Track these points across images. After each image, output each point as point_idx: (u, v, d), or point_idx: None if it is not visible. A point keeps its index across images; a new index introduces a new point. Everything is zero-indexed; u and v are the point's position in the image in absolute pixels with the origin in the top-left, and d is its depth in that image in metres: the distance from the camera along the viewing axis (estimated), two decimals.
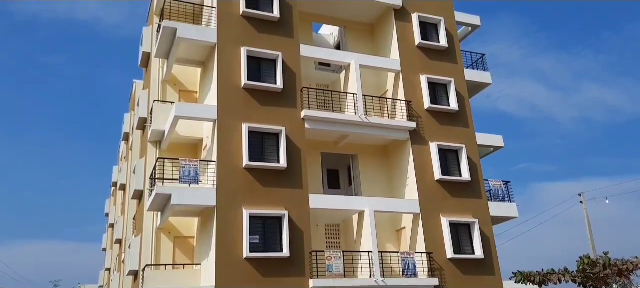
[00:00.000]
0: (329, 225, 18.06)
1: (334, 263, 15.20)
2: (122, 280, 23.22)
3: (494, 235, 18.30)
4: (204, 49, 17.33)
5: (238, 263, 14.32)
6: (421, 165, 17.88)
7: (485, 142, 19.68)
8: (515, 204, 19.11)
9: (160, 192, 14.65)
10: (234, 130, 15.67)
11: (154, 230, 17.49)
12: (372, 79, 19.90)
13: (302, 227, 15.43)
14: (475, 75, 20.57)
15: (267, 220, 15.09)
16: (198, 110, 16.26)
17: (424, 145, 18.18)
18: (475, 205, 18.18)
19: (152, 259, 16.95)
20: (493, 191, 19.05)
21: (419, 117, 18.53)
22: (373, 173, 18.75)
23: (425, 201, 17.41)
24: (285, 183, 15.70)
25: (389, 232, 18.14)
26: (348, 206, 16.78)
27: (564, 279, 12.33)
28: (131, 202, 22.68)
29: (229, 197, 14.91)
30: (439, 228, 17.23)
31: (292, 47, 17.47)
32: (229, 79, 16.24)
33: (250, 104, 16.19)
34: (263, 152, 15.80)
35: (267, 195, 15.33)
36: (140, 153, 21.41)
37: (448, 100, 19.34)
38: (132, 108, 28.16)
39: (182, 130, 17.36)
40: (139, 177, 19.52)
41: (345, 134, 17.60)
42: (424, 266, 16.43)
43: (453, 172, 18.34)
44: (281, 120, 16.31)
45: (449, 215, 17.52)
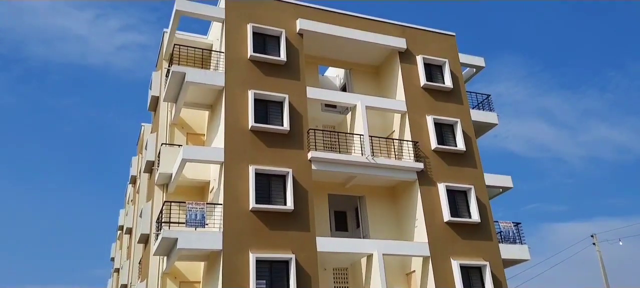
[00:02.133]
0: (337, 268, 17.74)
1: None
2: None
3: (506, 278, 17.86)
4: (211, 92, 17.56)
5: None
6: (430, 206, 17.69)
7: (494, 183, 19.50)
8: (526, 246, 18.72)
9: (166, 236, 14.52)
10: (241, 172, 15.67)
11: (160, 275, 17.25)
12: (378, 119, 19.98)
13: (309, 271, 15.15)
14: (481, 115, 20.62)
15: (273, 264, 14.86)
16: (205, 153, 16.32)
17: (432, 186, 18.04)
18: (485, 248, 17.84)
19: None
20: (504, 233, 18.72)
21: (426, 157, 18.47)
22: (381, 214, 18.54)
23: (435, 243, 17.12)
24: (292, 225, 15.54)
25: (398, 276, 17.76)
26: (356, 249, 16.51)
27: None
28: (137, 246, 22.50)
29: (235, 241, 14.75)
30: (449, 272, 16.85)
31: (299, 89, 17.67)
32: (236, 122, 16.37)
33: (257, 146, 16.24)
34: (270, 194, 15.73)
35: (274, 238, 15.16)
36: (147, 197, 21.39)
37: (455, 140, 19.32)
38: (140, 151, 28.35)
39: (189, 173, 17.38)
40: (146, 220, 19.43)
41: (352, 175, 17.53)
42: None
43: (462, 213, 18.11)
44: (288, 161, 16.31)
45: (460, 257, 17.17)
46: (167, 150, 18.03)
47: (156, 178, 18.33)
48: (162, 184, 18.51)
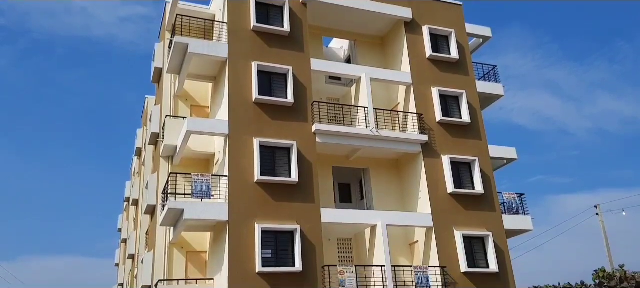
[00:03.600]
0: (341, 239, 17.96)
1: (347, 278, 15.08)
2: None
3: (509, 248, 18.06)
4: (215, 64, 17.49)
5: (250, 277, 14.27)
6: (433, 178, 17.76)
7: (498, 155, 19.50)
8: (529, 217, 18.86)
9: (172, 207, 14.71)
10: (245, 144, 15.73)
11: (167, 245, 17.54)
12: (383, 92, 19.89)
13: (314, 241, 15.36)
14: (487, 87, 20.48)
15: (279, 234, 15.06)
16: (209, 125, 16.36)
17: (436, 158, 18.07)
18: (489, 218, 17.98)
19: (165, 274, 16.97)
20: (507, 204, 18.83)
21: (431, 129, 18.44)
22: (385, 186, 18.65)
23: (438, 214, 17.25)
24: (297, 197, 15.68)
25: (401, 246, 17.98)
26: (360, 220, 16.69)
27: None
28: (144, 217, 22.79)
29: (241, 212, 14.92)
30: (452, 242, 17.04)
31: (303, 61, 17.56)
32: (240, 94, 16.34)
33: (261, 119, 16.25)
34: (274, 166, 15.82)
35: (279, 210, 15.32)
36: (152, 169, 21.55)
37: (460, 112, 19.24)
38: (145, 123, 28.43)
39: (194, 145, 17.46)
40: (152, 192, 19.63)
41: (356, 148, 17.56)
42: (438, 280, 16.23)
43: (466, 184, 18.18)
44: (292, 134, 16.34)
45: (463, 228, 17.33)
46: (172, 122, 18.08)
47: (161, 151, 18.44)
48: (167, 156, 18.63)
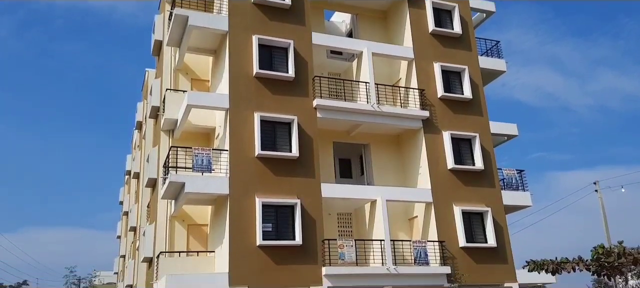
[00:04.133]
0: (341, 213, 18.09)
1: (346, 251, 15.25)
2: (137, 267, 23.56)
3: (507, 223, 18.21)
4: (215, 37, 17.32)
5: (251, 250, 14.43)
6: (434, 154, 17.78)
7: (499, 131, 19.49)
8: (528, 193, 18.95)
9: (173, 180, 14.77)
10: (246, 119, 15.70)
11: (168, 218, 17.68)
12: (384, 67, 19.75)
13: (314, 216, 15.47)
14: (489, 62, 20.33)
15: (279, 208, 15.16)
16: (210, 99, 16.31)
17: (436, 134, 18.06)
18: (488, 194, 18.07)
19: (166, 246, 17.16)
20: (507, 180, 18.90)
21: (432, 105, 18.38)
22: (385, 162, 18.69)
23: (438, 190, 17.33)
24: (297, 172, 15.73)
25: (401, 221, 18.12)
26: (360, 195, 16.79)
27: (578, 268, 12.20)
28: (145, 190, 22.92)
29: (242, 186, 14.99)
30: (451, 217, 17.17)
31: (304, 35, 17.39)
32: (241, 68, 16.24)
33: (262, 93, 16.18)
34: (275, 141, 15.82)
35: (279, 184, 15.38)
36: (153, 142, 21.57)
37: (462, 88, 19.15)
38: (145, 97, 28.35)
39: (194, 119, 17.44)
40: (152, 165, 19.70)
41: (357, 123, 17.54)
42: (436, 254, 16.41)
43: (466, 160, 18.22)
44: (293, 109, 16.30)
45: (462, 204, 17.44)
46: (172, 96, 18.01)
47: (162, 124, 18.42)
48: (167, 130, 18.62)
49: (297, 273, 14.69)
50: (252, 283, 14.15)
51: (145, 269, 20.56)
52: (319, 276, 14.86)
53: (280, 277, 14.49)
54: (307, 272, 14.79)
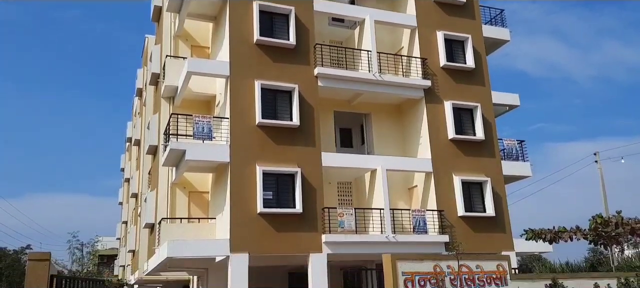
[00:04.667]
0: (341, 182, 18.19)
1: (346, 220, 15.40)
2: (139, 233, 23.86)
3: (506, 193, 18.33)
4: (215, 2, 17.06)
5: (252, 218, 14.57)
6: (435, 123, 17.76)
7: (501, 101, 19.41)
8: (528, 163, 19.01)
9: (174, 148, 14.80)
10: (247, 87, 15.61)
11: (169, 185, 17.80)
12: (386, 35, 19.51)
13: (314, 184, 15.56)
14: (493, 31, 20.07)
15: (280, 176, 15.24)
16: (210, 66, 16.18)
17: (438, 104, 17.99)
18: (488, 164, 18.13)
19: (168, 213, 17.33)
20: (507, 150, 18.93)
21: (434, 74, 18.24)
22: (386, 131, 18.68)
23: (438, 160, 17.38)
24: (298, 141, 15.74)
25: (400, 190, 18.23)
26: (360, 164, 16.84)
27: (575, 237, 12.31)
28: (146, 157, 23.00)
29: (243, 154, 15.03)
30: (450, 187, 17.27)
31: (305, 1, 17.10)
32: (241, 35, 16.04)
33: (263, 61, 16.04)
34: (276, 109, 15.77)
35: (280, 153, 15.41)
36: (153, 109, 21.53)
37: (464, 57, 18.97)
38: (145, 63, 28.14)
39: (194, 86, 17.34)
40: (153, 132, 19.71)
41: (358, 92, 17.44)
42: (435, 223, 16.58)
43: (467, 130, 18.21)
44: (294, 77, 16.18)
45: (462, 173, 17.51)
46: (172, 63, 17.87)
47: (162, 91, 18.34)
48: (168, 97, 18.55)
49: (297, 241, 14.88)
50: (252, 249, 14.35)
51: (147, 235, 20.83)
52: (319, 243, 15.06)
53: (281, 243, 14.68)
54: (307, 239, 14.97)
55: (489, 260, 9.61)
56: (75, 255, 26.67)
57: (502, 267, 9.55)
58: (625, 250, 23.82)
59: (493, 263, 9.58)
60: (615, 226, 11.52)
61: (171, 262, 15.00)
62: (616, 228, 11.49)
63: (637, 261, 14.26)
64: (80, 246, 27.59)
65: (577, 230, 12.12)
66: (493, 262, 9.60)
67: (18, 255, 32.29)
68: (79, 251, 27.26)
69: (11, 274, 29.47)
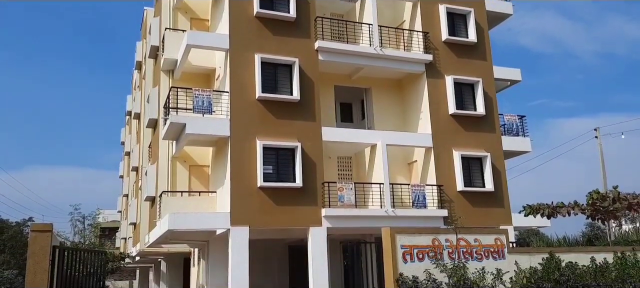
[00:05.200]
0: (341, 157, 18.23)
1: (346, 194, 15.49)
2: (140, 206, 24.03)
3: (506, 169, 18.40)
4: None
5: (252, 191, 14.66)
6: (436, 98, 17.70)
7: (503, 76, 19.31)
8: (528, 138, 19.03)
9: (174, 121, 14.79)
10: (247, 60, 15.51)
11: (170, 159, 17.85)
12: (388, 9, 19.27)
13: (314, 159, 15.60)
14: (496, 5, 19.83)
15: (280, 151, 15.26)
16: (210, 39, 16.04)
17: (439, 79, 17.90)
18: (488, 139, 18.15)
19: (168, 186, 17.42)
20: (507, 125, 18.93)
21: (436, 49, 18.10)
22: (386, 106, 18.64)
23: (438, 135, 17.39)
24: (298, 115, 15.71)
25: (400, 165, 18.29)
26: (360, 139, 16.85)
27: (573, 212, 12.43)
28: (146, 130, 23.00)
29: (243, 128, 15.02)
30: (450, 162, 17.32)
31: None
32: (241, 7, 15.85)
33: (263, 34, 15.89)
34: (276, 83, 15.70)
35: (280, 127, 15.41)
36: (153, 82, 21.43)
37: (467, 31, 18.78)
38: (144, 36, 27.87)
39: (194, 59, 17.23)
40: (153, 105, 19.67)
41: (359, 66, 17.33)
42: (434, 198, 16.69)
43: (468, 106, 18.16)
44: (294, 51, 16.05)
45: (461, 148, 17.54)
46: (171, 36, 17.71)
47: (161, 64, 18.23)
48: (167, 70, 18.45)
49: (297, 214, 15.00)
50: (253, 223, 14.48)
51: (148, 208, 20.98)
52: (319, 217, 15.18)
53: (281, 217, 14.80)
54: (307, 213, 15.09)
55: (487, 234, 9.70)
56: (77, 228, 26.94)
57: (500, 241, 9.64)
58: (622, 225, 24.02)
59: (491, 237, 9.67)
60: (612, 201, 11.63)
61: (172, 234, 15.15)
62: (613, 203, 11.60)
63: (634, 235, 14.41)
64: (82, 218, 27.82)
65: (575, 205, 12.24)
66: (491, 236, 9.69)
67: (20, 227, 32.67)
68: (80, 223, 27.50)
69: (14, 246, 29.83)
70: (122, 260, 25.36)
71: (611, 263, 10.28)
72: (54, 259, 7.21)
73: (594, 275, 9.70)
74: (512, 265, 9.45)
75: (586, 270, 9.78)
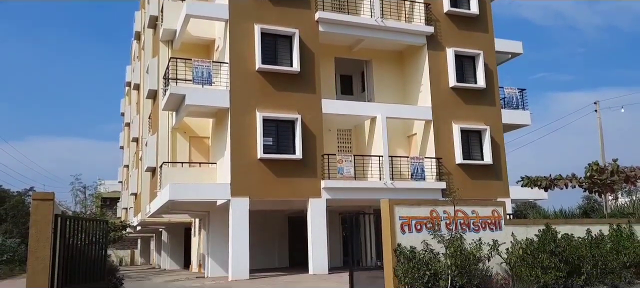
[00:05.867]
0: (341, 129, 18.26)
1: (345, 166, 15.57)
2: (141, 176, 24.17)
3: (505, 142, 18.45)
4: None
5: (252, 163, 14.73)
6: (436, 71, 17.62)
7: (504, 48, 19.17)
8: (528, 111, 19.02)
9: (174, 92, 14.75)
10: (246, 31, 15.37)
11: (170, 130, 17.87)
12: None
13: (314, 131, 15.62)
14: None
15: (280, 123, 15.27)
16: (209, 9, 15.86)
17: (440, 51, 17.78)
18: (488, 112, 18.14)
19: (169, 157, 17.49)
20: (507, 99, 18.89)
21: (437, 20, 17.92)
22: (387, 79, 18.56)
23: (438, 108, 17.37)
24: (298, 87, 15.66)
25: (400, 138, 18.33)
26: (360, 112, 16.84)
27: (571, 184, 12.50)
28: (146, 101, 22.96)
29: (243, 99, 15.00)
30: (449, 135, 17.35)
31: None
32: None
33: (263, 4, 15.70)
34: (276, 55, 15.60)
35: (280, 99, 15.38)
36: (152, 53, 21.28)
37: (468, 3, 18.56)
38: (143, 5, 27.54)
39: (193, 30, 17.07)
40: (153, 76, 19.58)
41: (360, 38, 17.19)
42: (433, 170, 16.78)
43: (468, 78, 18.09)
44: (294, 21, 15.89)
45: (461, 121, 17.55)
46: (171, 5, 17.51)
47: (161, 34, 18.07)
48: (166, 40, 18.30)
49: (297, 186, 15.11)
50: (253, 194, 14.60)
51: (149, 178, 21.11)
52: (318, 189, 15.30)
53: (281, 188, 14.91)
54: (306, 185, 15.20)
55: (485, 206, 9.78)
56: (78, 197, 27.12)
57: (497, 213, 9.73)
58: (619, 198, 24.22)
59: (488, 208, 9.75)
60: (610, 174, 11.70)
61: (173, 205, 15.29)
62: (611, 176, 11.67)
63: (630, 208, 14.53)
64: (82, 188, 27.98)
65: (573, 178, 12.31)
66: (488, 208, 9.77)
67: (22, 196, 32.89)
68: (81, 193, 27.68)
69: (16, 215, 30.11)
70: (123, 229, 25.63)
71: (607, 235, 10.41)
72: (57, 228, 7.29)
73: (590, 247, 9.83)
74: (508, 237, 9.57)
75: (582, 241, 9.90)
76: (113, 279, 11.48)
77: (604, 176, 11.78)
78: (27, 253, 6.98)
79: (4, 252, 23.71)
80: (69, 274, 7.69)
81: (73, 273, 7.82)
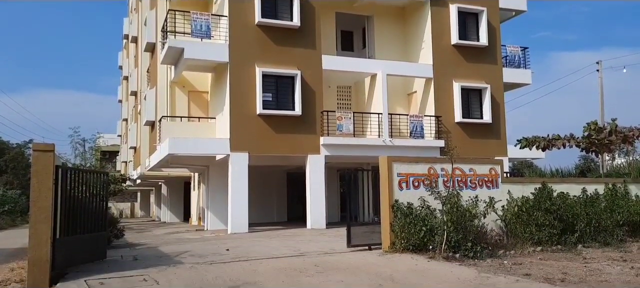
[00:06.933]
0: (341, 86, 18.15)
1: (344, 123, 15.57)
2: (140, 130, 24.18)
3: (505, 101, 18.40)
4: None
5: (251, 119, 14.71)
6: (438, 28, 17.35)
7: (508, 5, 18.83)
8: (529, 70, 18.89)
9: (172, 46, 14.56)
10: None
11: (168, 84, 17.75)
12: None
13: (314, 87, 15.53)
14: None
15: (279, 78, 15.16)
16: None
17: (443, 7, 17.46)
18: (489, 71, 18.00)
19: (168, 111, 17.44)
20: (509, 57, 18.72)
21: None
22: (388, 36, 18.30)
23: (439, 66, 17.22)
24: (298, 42, 15.46)
25: (400, 96, 18.25)
26: (361, 68, 16.70)
27: (569, 144, 12.57)
28: (144, 54, 22.69)
29: (242, 54, 14.83)
30: (450, 93, 17.28)
31: None
32: None
33: None
34: (276, 8, 15.30)
35: (280, 54, 15.21)
36: (150, 5, 20.87)
37: None
38: None
39: None
40: (151, 29, 19.28)
41: None
42: (432, 129, 16.80)
43: (471, 36, 17.85)
44: None
45: (462, 80, 17.44)
46: None
47: None
48: None
49: (296, 142, 15.15)
50: (252, 149, 14.66)
51: (148, 132, 21.12)
52: (317, 145, 15.35)
53: (280, 144, 14.96)
54: (305, 141, 15.24)
55: (482, 164, 9.86)
56: (77, 150, 27.16)
57: (494, 171, 9.82)
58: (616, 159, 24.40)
59: (486, 166, 9.84)
60: (608, 133, 11.74)
61: (172, 159, 15.37)
62: (609, 135, 11.71)
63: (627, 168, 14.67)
64: (82, 141, 28.01)
65: (571, 138, 12.36)
66: (486, 166, 9.85)
67: (21, 149, 32.96)
68: (81, 146, 27.71)
69: (16, 167, 30.28)
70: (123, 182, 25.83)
71: (602, 195, 10.55)
72: (57, 179, 7.33)
73: (584, 205, 9.97)
74: (505, 194, 9.69)
75: (577, 200, 10.04)
76: (114, 230, 11.68)
77: (602, 136, 11.82)
78: (29, 204, 7.04)
79: (5, 203, 23.99)
80: (71, 225, 7.78)
81: (75, 224, 7.92)
